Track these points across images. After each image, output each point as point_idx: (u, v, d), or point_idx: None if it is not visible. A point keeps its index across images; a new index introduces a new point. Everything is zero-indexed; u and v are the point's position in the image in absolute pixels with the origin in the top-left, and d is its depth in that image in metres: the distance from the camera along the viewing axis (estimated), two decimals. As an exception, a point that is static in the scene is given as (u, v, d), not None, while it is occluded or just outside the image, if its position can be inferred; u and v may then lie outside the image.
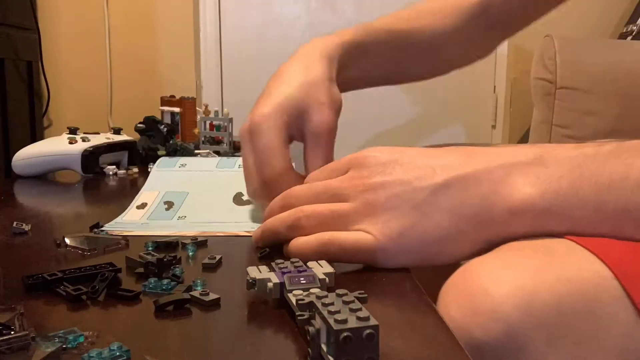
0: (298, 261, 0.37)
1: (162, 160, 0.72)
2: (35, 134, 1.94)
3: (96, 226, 0.53)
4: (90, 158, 0.83)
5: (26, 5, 1.84)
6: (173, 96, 1.15)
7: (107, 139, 0.88)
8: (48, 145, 0.85)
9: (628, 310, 0.34)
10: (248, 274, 0.36)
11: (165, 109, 1.11)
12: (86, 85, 2.11)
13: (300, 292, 0.33)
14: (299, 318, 0.30)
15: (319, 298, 0.29)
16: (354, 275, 0.42)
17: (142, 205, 0.59)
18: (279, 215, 0.45)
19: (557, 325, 0.33)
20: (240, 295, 0.37)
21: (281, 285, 0.35)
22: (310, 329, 0.28)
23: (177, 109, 1.11)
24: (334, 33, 0.60)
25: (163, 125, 0.98)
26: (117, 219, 0.56)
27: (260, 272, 0.36)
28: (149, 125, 0.97)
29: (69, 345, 0.29)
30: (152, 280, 0.38)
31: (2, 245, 0.49)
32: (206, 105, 1.09)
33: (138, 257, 0.42)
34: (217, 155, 0.94)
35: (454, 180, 0.39)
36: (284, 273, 0.36)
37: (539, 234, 0.38)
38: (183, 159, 0.72)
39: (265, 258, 0.45)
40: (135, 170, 0.86)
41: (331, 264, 0.38)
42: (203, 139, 1.04)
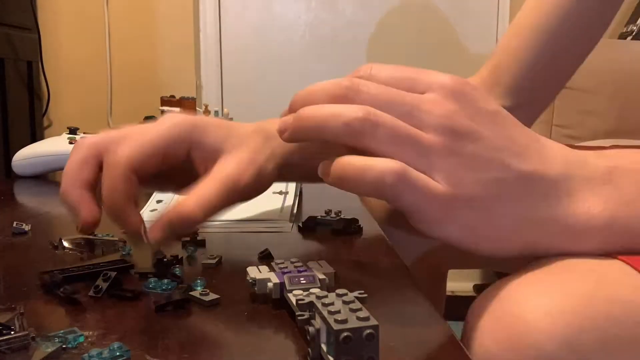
0: (298, 261, 0.37)
1: None
2: (35, 134, 1.93)
3: None
4: (90, 158, 0.83)
5: (26, 5, 1.84)
6: (173, 96, 1.16)
7: (107, 139, 0.88)
8: (48, 145, 0.85)
9: None
10: (248, 274, 0.36)
11: (165, 109, 1.11)
12: (86, 85, 2.11)
13: (300, 292, 0.33)
14: (299, 318, 0.30)
15: (319, 298, 0.29)
16: (354, 275, 0.42)
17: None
18: (336, 106, 0.35)
19: None
20: (240, 295, 0.37)
21: (281, 285, 0.35)
22: (310, 329, 0.28)
23: (177, 109, 1.11)
24: None
25: (163, 125, 0.97)
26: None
27: (260, 272, 0.36)
28: (149, 125, 0.97)
29: (69, 345, 0.29)
30: (152, 280, 0.38)
31: (2, 245, 0.49)
32: (206, 106, 1.09)
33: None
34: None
35: (530, 177, 0.34)
36: (284, 273, 0.36)
37: (594, 253, 0.35)
38: None
39: (266, 258, 0.45)
40: (135, 170, 0.86)
41: (330, 264, 0.38)
42: (203, 139, 1.04)
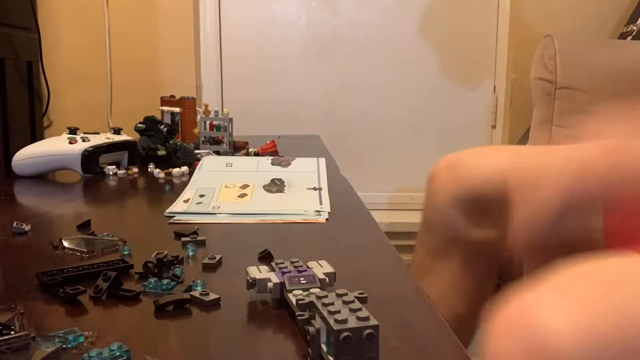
0: (298, 261, 0.37)
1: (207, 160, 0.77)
2: (35, 134, 1.93)
3: (85, 225, 0.53)
4: (90, 158, 0.83)
5: (26, 5, 1.84)
6: (173, 96, 1.15)
7: (107, 139, 0.88)
8: (48, 145, 0.85)
9: None
10: (248, 274, 0.36)
11: (165, 108, 1.11)
12: (86, 85, 2.11)
13: (300, 292, 0.33)
14: (299, 318, 0.30)
15: (319, 298, 0.29)
16: (354, 275, 0.42)
17: (187, 200, 0.64)
18: None
19: None
20: (240, 295, 0.37)
21: (281, 285, 0.35)
22: (310, 329, 0.28)
23: (177, 109, 1.11)
24: None
25: (163, 125, 0.98)
26: (169, 210, 0.60)
27: (260, 272, 0.36)
28: (149, 125, 0.97)
29: (69, 345, 0.29)
30: (152, 280, 0.38)
31: (3, 245, 0.49)
32: (206, 105, 1.08)
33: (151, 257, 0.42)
34: (217, 155, 0.94)
35: None
36: (284, 273, 0.36)
37: None
38: (229, 159, 0.78)
39: (266, 258, 0.45)
40: (135, 170, 0.86)
41: (331, 264, 0.38)
42: (203, 138, 1.04)
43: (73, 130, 0.87)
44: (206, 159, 0.76)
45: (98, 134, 0.89)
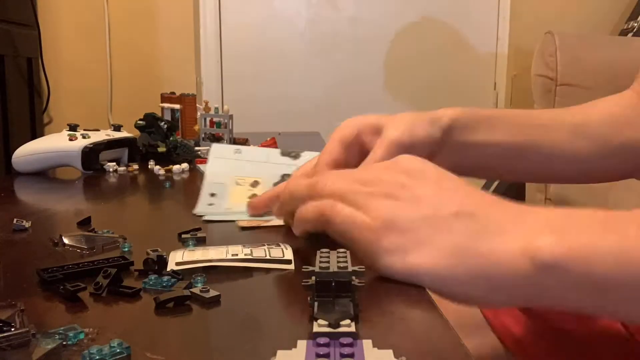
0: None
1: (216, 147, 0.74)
2: (35, 131, 1.94)
3: (85, 222, 0.53)
4: (91, 155, 0.83)
5: (26, 2, 1.83)
6: (173, 93, 1.15)
7: (107, 135, 0.88)
8: (48, 142, 0.85)
9: None
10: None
11: (166, 105, 1.11)
12: (86, 81, 2.11)
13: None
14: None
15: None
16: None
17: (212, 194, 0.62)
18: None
19: None
20: (241, 292, 0.37)
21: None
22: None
23: (177, 106, 1.11)
24: None
25: (163, 122, 0.97)
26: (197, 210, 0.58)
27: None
28: (149, 122, 0.97)
29: (69, 342, 0.29)
30: (152, 277, 0.38)
31: (3, 242, 0.49)
32: (206, 102, 1.08)
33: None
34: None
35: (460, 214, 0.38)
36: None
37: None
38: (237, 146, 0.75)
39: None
40: (136, 167, 0.86)
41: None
42: (203, 135, 1.04)
43: (73, 127, 0.87)
44: (214, 146, 0.74)
45: (98, 130, 0.89)
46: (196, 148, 0.96)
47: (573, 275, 0.33)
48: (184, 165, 0.84)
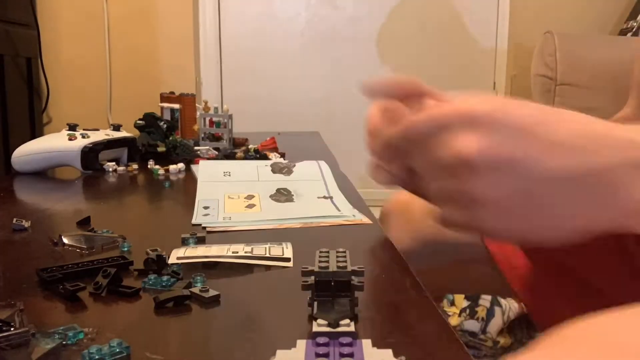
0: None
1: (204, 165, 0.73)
2: (35, 131, 1.93)
3: (85, 222, 0.53)
4: (90, 154, 0.83)
5: (26, 2, 1.83)
6: (173, 93, 1.15)
7: (107, 135, 0.88)
8: (47, 142, 0.85)
9: None
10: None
11: (165, 105, 1.11)
12: (86, 81, 2.11)
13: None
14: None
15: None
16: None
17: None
18: None
19: None
20: (241, 292, 0.37)
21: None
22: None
23: (177, 106, 1.11)
24: None
25: (163, 122, 0.97)
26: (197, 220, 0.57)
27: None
28: (149, 122, 0.97)
29: (69, 342, 0.29)
30: (152, 276, 0.38)
31: (2, 241, 0.49)
32: (206, 102, 1.08)
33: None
34: (217, 152, 0.94)
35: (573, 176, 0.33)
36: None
37: None
38: (225, 166, 0.74)
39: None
40: (135, 166, 0.86)
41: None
42: (203, 135, 1.04)
43: (72, 127, 0.87)
44: (202, 166, 0.73)
45: (98, 130, 0.89)
46: (196, 148, 0.96)
47: None
48: (180, 165, 0.84)
